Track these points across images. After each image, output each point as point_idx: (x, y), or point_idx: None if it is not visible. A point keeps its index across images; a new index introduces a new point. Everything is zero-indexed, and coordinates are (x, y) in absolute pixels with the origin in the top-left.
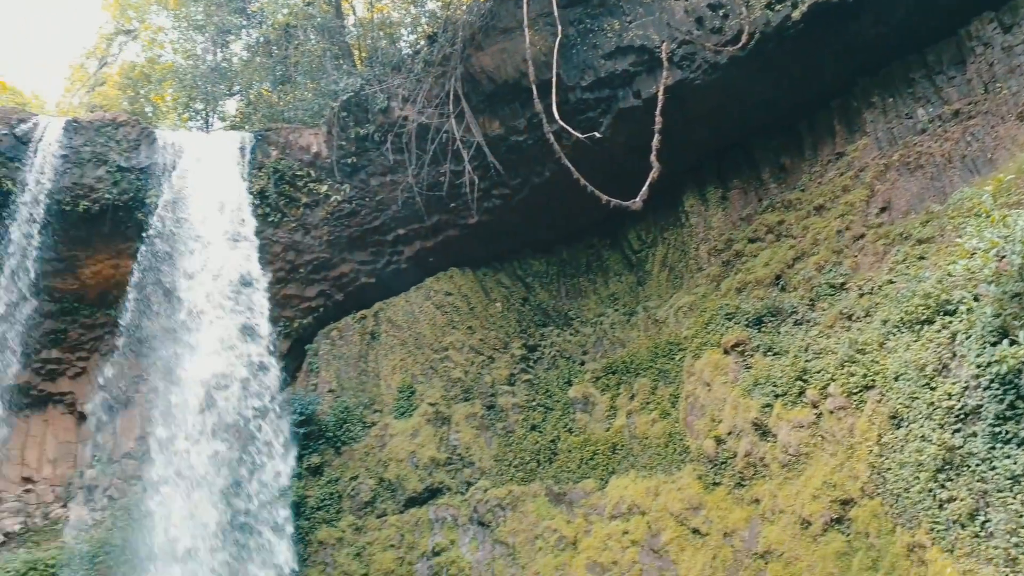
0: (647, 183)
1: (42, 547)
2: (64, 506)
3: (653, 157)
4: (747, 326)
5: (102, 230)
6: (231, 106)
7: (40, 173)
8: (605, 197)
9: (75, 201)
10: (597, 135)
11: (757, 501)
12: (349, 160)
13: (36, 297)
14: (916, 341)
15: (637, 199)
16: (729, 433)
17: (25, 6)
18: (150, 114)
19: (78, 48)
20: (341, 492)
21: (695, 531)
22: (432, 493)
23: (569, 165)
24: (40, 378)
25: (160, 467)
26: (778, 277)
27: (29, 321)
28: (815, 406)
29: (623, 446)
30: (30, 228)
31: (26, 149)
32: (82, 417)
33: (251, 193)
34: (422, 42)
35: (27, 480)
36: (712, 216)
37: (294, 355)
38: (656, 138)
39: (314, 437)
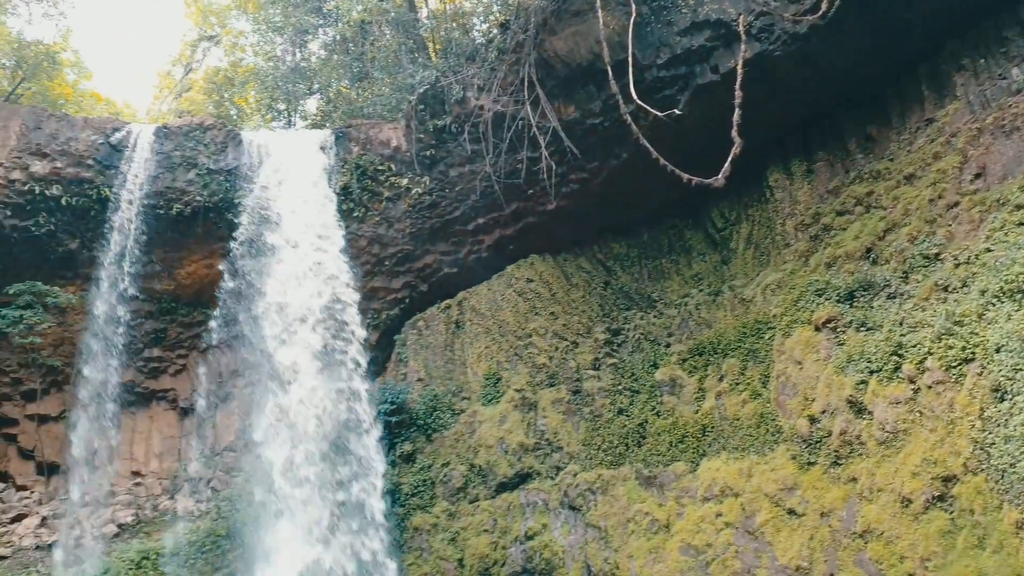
0: (729, 159)
1: (153, 537)
2: (171, 498)
3: (735, 132)
4: (838, 302)
5: (195, 231)
6: (312, 105)
7: (135, 179)
8: (686, 176)
9: (168, 204)
10: (676, 112)
11: (854, 480)
12: (428, 152)
13: (136, 298)
14: (1018, 311)
15: (719, 176)
16: (823, 411)
17: (114, 20)
18: (235, 116)
19: (164, 56)
20: (434, 478)
21: (791, 511)
22: (522, 478)
23: (647, 145)
24: (143, 376)
25: None
26: (869, 250)
27: (131, 322)
28: (912, 381)
29: (713, 428)
30: (128, 232)
31: (121, 156)
32: (184, 412)
33: (336, 192)
34: (495, 30)
35: (136, 474)
36: (798, 190)
37: (383, 346)
38: (737, 113)
39: (405, 425)
